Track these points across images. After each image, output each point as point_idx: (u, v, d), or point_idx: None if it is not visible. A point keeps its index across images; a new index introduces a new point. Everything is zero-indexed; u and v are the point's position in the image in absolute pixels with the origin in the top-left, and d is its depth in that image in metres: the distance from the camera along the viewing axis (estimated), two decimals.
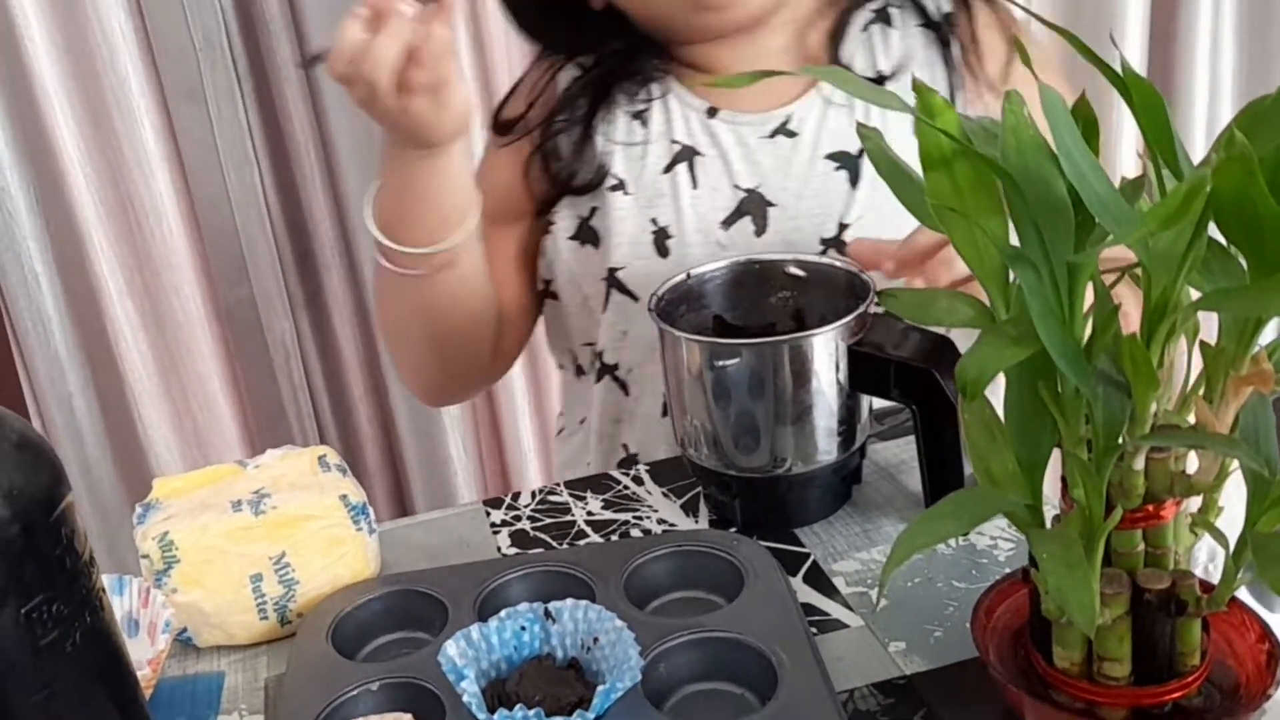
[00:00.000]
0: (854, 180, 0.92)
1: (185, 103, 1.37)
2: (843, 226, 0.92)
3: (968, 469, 0.72)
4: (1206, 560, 0.73)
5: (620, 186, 0.96)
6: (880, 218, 0.91)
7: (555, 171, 0.97)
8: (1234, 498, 0.50)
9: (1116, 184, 0.45)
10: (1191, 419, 0.49)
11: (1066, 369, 0.43)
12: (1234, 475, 0.50)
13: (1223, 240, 0.46)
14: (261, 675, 0.70)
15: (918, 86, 0.44)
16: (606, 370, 1.02)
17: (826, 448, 0.75)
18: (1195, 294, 0.46)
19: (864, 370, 0.73)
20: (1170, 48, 1.51)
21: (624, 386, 1.02)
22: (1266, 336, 0.49)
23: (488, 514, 0.84)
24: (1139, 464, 0.47)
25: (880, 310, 0.72)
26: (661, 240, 0.95)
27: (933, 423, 0.72)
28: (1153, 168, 0.48)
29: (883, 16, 0.96)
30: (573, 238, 0.99)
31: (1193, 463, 0.50)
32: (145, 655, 0.66)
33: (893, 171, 0.51)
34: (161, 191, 1.39)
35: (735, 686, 0.62)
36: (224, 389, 1.51)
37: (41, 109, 1.33)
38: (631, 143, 0.96)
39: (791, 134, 0.93)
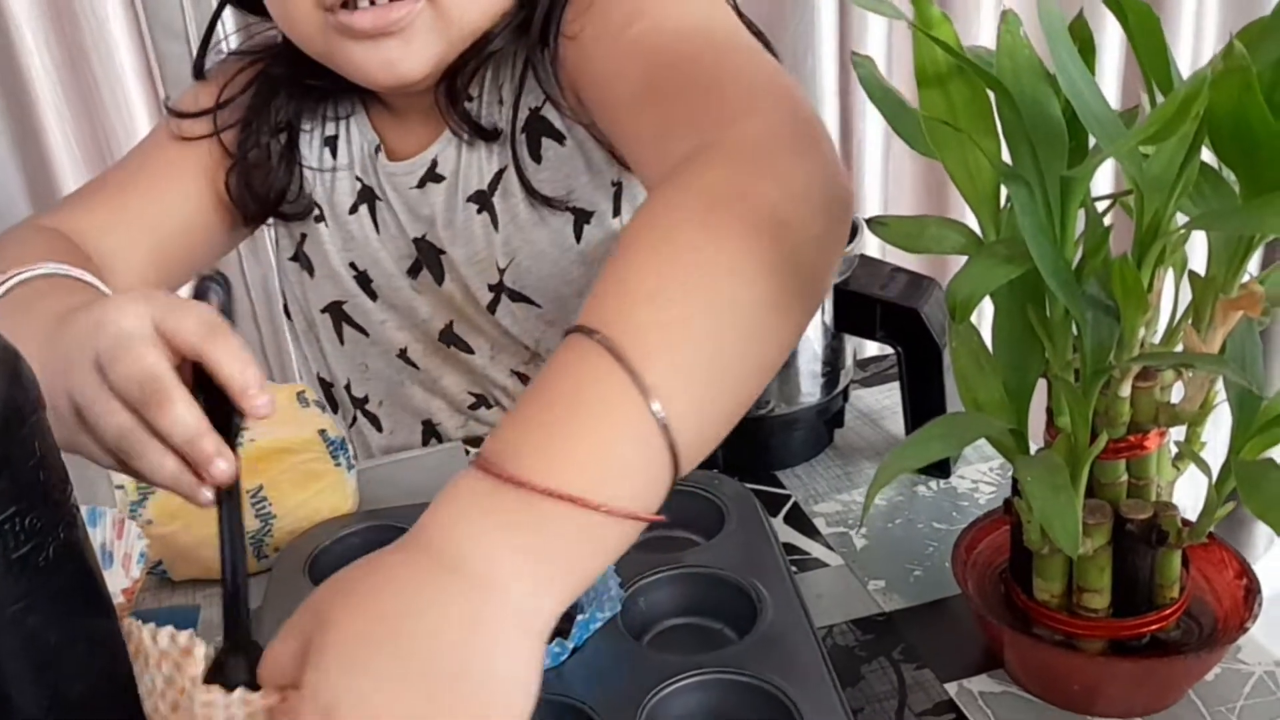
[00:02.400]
0: (494, 222, 0.84)
1: (167, 40, 1.34)
2: (501, 271, 0.85)
3: (951, 410, 0.72)
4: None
5: (322, 217, 0.90)
6: (530, 260, 0.84)
7: (259, 192, 0.87)
8: (1216, 433, 0.50)
9: None
10: (1179, 350, 0.48)
11: (1057, 289, 0.43)
12: (1217, 409, 0.50)
13: (1215, 165, 0.46)
14: None
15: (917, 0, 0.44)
16: (356, 404, 0.97)
17: (809, 389, 0.75)
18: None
19: (850, 311, 0.72)
20: None
21: (376, 422, 0.97)
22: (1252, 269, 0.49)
23: (467, 453, 0.84)
24: (1125, 391, 0.47)
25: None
26: (365, 283, 0.90)
27: (918, 364, 0.72)
28: (1146, 94, 0.48)
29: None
30: (292, 259, 0.93)
31: (1178, 394, 0.50)
32: (120, 585, 0.66)
33: (885, 98, 0.51)
34: (141, 135, 1.37)
35: (715, 621, 0.62)
36: None
37: (17, 51, 1.30)
38: (323, 170, 0.89)
39: (440, 178, 0.85)
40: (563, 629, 0.58)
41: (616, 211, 0.83)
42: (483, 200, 0.84)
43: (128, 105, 1.35)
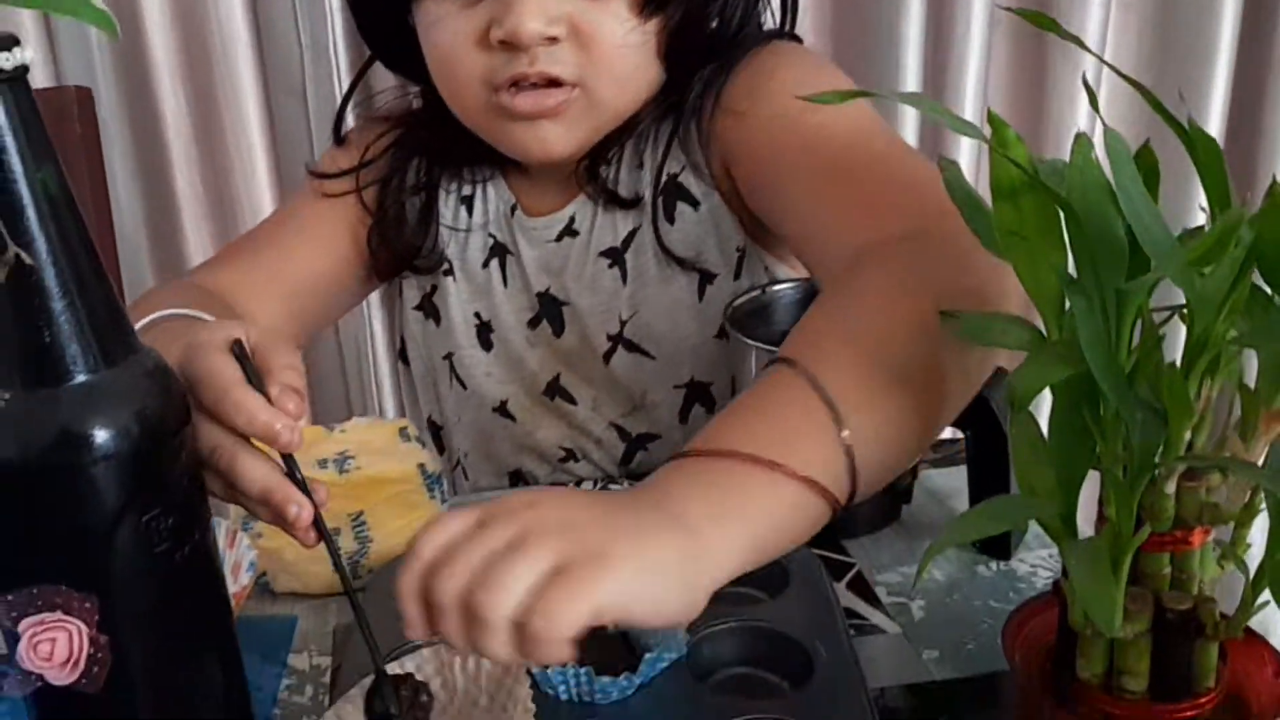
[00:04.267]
0: (624, 276, 0.91)
1: (285, 96, 1.43)
2: (622, 323, 0.92)
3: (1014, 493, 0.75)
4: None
5: (451, 271, 0.96)
6: (652, 314, 0.91)
7: (396, 247, 0.94)
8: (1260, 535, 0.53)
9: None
10: (1223, 456, 0.52)
11: (1109, 392, 0.47)
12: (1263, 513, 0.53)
13: (1267, 289, 0.49)
14: (331, 622, 0.75)
15: (993, 119, 0.48)
16: (450, 451, 1.04)
17: None
18: None
19: None
20: (1258, 101, 1.52)
21: (465, 473, 1.03)
22: None
23: None
24: (1170, 489, 0.51)
25: None
26: (485, 333, 0.96)
27: (984, 447, 0.75)
28: (1210, 217, 0.52)
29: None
30: (417, 308, 0.99)
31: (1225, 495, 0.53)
32: (230, 591, 0.72)
33: (966, 201, 0.55)
34: (260, 181, 1.46)
35: (773, 674, 0.66)
36: None
37: (155, 93, 1.40)
38: (457, 229, 0.95)
39: (575, 234, 0.92)
40: (632, 665, 0.63)
41: (737, 275, 0.90)
42: (615, 256, 0.91)
43: (250, 152, 1.44)
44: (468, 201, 0.96)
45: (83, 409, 0.48)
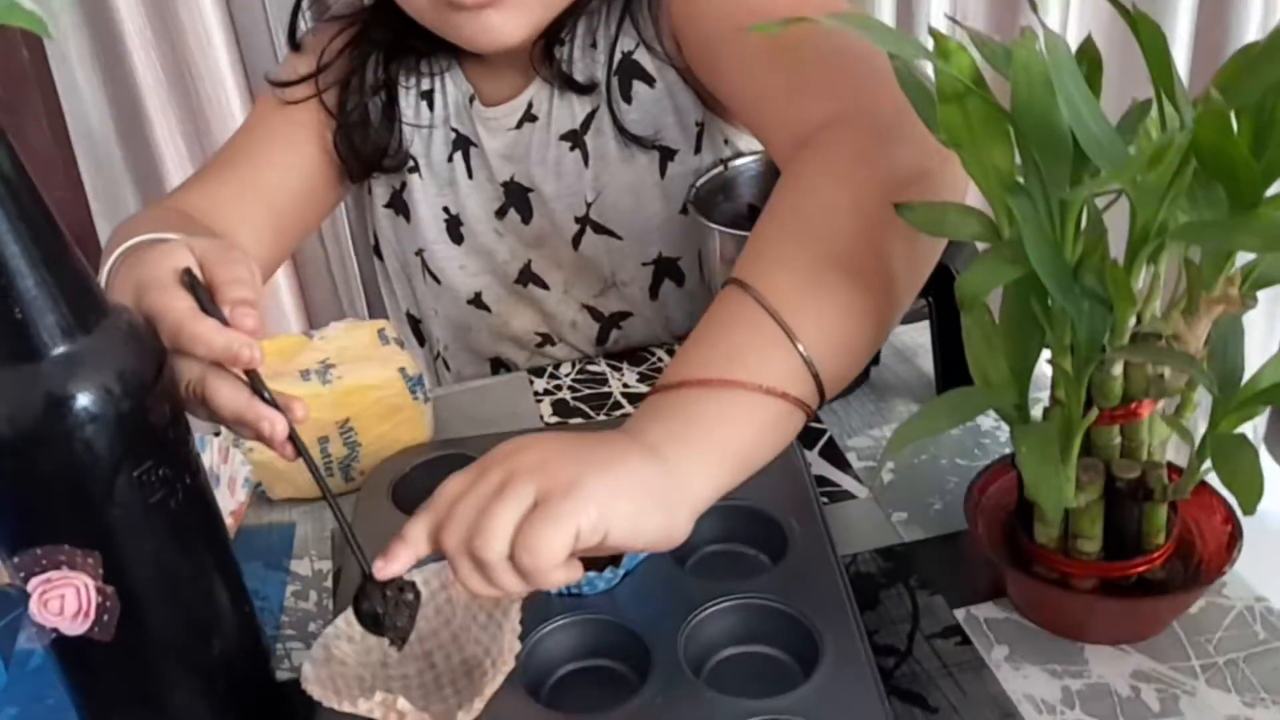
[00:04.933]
0: (585, 159, 0.91)
1: None
2: (588, 205, 0.92)
3: None
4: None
5: (417, 168, 0.96)
6: (616, 194, 0.91)
7: (362, 149, 0.94)
8: (1206, 399, 0.56)
9: None
10: (1160, 344, 0.54)
11: (1054, 289, 0.49)
12: None
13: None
14: (328, 526, 0.78)
15: (934, 32, 0.49)
16: (430, 342, 1.06)
17: None
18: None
19: None
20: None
21: (446, 363, 1.05)
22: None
23: (531, 383, 0.91)
24: (1117, 370, 0.53)
25: None
26: (454, 227, 0.97)
27: (947, 314, 0.78)
28: (1155, 98, 0.52)
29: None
30: (387, 206, 1.00)
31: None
32: (228, 507, 0.75)
33: (918, 95, 0.55)
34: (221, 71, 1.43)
35: (750, 549, 0.69)
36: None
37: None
38: (419, 125, 0.95)
39: (534, 119, 0.92)
40: (615, 557, 0.66)
41: (698, 150, 0.90)
42: (575, 139, 0.91)
43: (209, 37, 1.41)
44: (428, 96, 0.95)
45: (65, 379, 0.49)
